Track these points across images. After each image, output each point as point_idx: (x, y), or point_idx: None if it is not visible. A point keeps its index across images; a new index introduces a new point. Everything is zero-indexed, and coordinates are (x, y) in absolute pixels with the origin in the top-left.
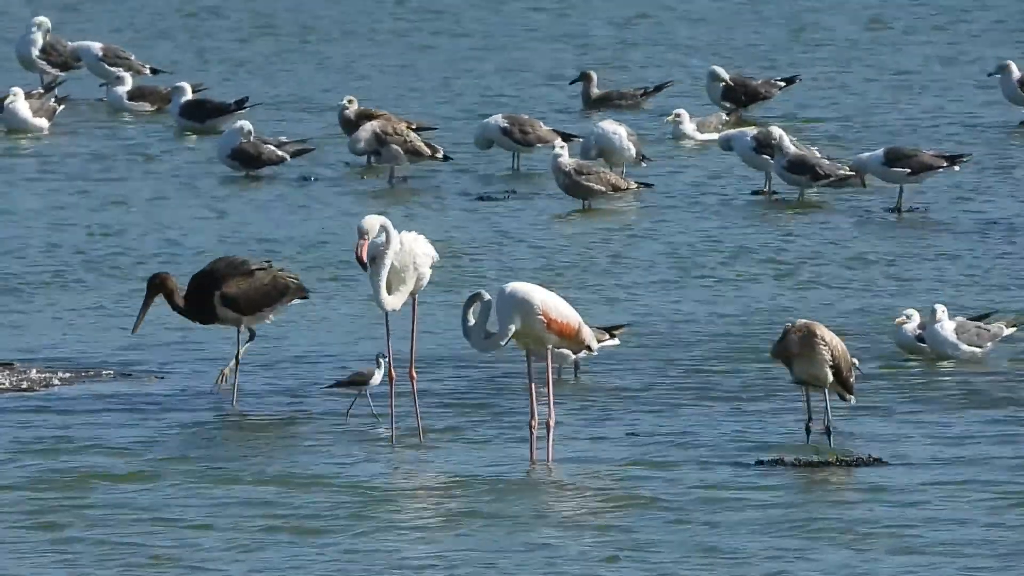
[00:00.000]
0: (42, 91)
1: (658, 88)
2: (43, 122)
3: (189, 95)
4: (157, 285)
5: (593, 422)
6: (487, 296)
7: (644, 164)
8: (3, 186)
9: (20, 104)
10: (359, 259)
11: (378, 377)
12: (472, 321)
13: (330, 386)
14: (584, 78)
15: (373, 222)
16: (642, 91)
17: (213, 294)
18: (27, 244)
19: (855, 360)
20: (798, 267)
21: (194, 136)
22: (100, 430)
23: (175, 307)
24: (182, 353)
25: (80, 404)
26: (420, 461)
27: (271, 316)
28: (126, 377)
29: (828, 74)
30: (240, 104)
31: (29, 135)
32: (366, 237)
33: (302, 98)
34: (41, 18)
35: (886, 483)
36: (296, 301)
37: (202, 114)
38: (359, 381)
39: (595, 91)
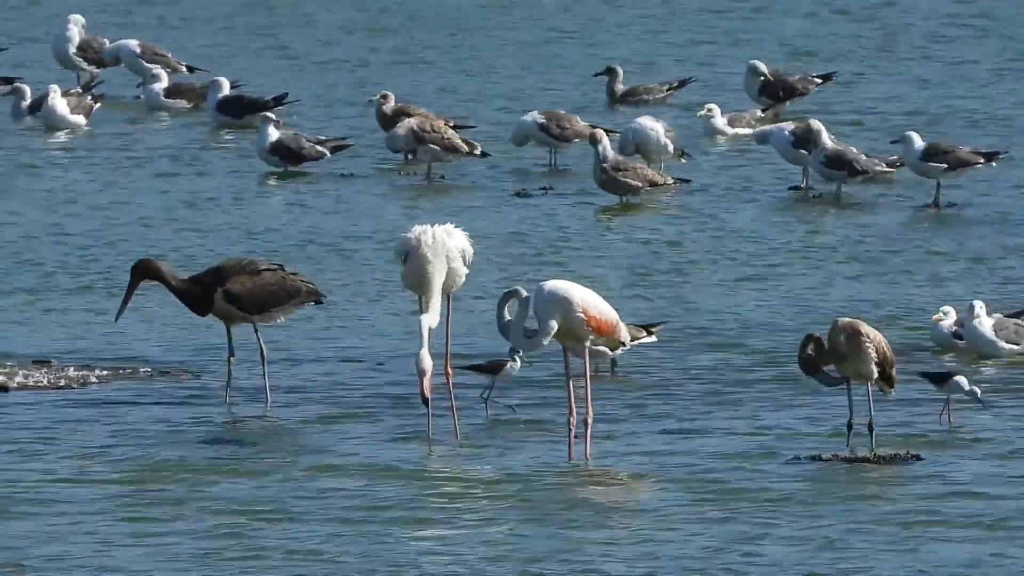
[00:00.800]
0: (79, 89)
1: (682, 83)
2: (80, 119)
3: (226, 91)
4: (141, 270)
5: (630, 419)
6: (524, 292)
7: (683, 160)
8: (40, 183)
9: (58, 102)
10: (424, 398)
11: (515, 367)
12: (508, 317)
13: (465, 367)
14: (609, 72)
15: (428, 362)
16: (667, 86)
17: (216, 289)
18: (63, 241)
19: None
20: (835, 263)
21: (231, 132)
22: (159, 424)
23: (169, 286)
24: (217, 351)
25: (128, 400)
26: (457, 458)
27: (281, 318)
28: (164, 374)
29: (866, 70)
30: (278, 100)
31: (67, 132)
32: (426, 375)
33: (340, 94)
34: (77, 15)
35: (924, 478)
36: (310, 305)
37: (239, 110)
38: (493, 368)
39: (620, 86)
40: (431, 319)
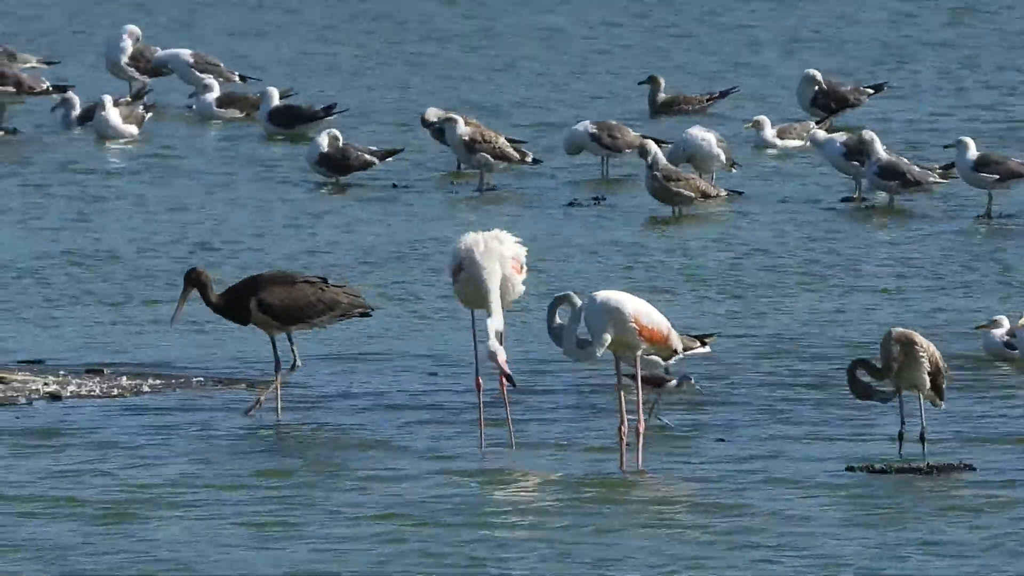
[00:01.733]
0: (130, 99)
1: (724, 94)
2: (133, 129)
3: (276, 101)
4: (193, 280)
5: (683, 428)
6: (577, 300)
7: (735, 170)
8: (93, 194)
9: (110, 111)
10: (506, 375)
11: (674, 385)
12: (559, 322)
13: (630, 377)
14: (651, 81)
15: (497, 345)
16: (708, 96)
17: (250, 299)
18: (115, 251)
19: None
20: (888, 273)
21: (283, 142)
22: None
23: (208, 303)
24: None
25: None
26: (511, 468)
27: (320, 327)
28: (217, 383)
29: (916, 80)
30: (328, 110)
31: (118, 142)
32: (500, 356)
33: (390, 104)
34: (132, 26)
35: (977, 489)
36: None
37: (290, 120)
38: (657, 381)
39: (662, 96)
40: (496, 322)
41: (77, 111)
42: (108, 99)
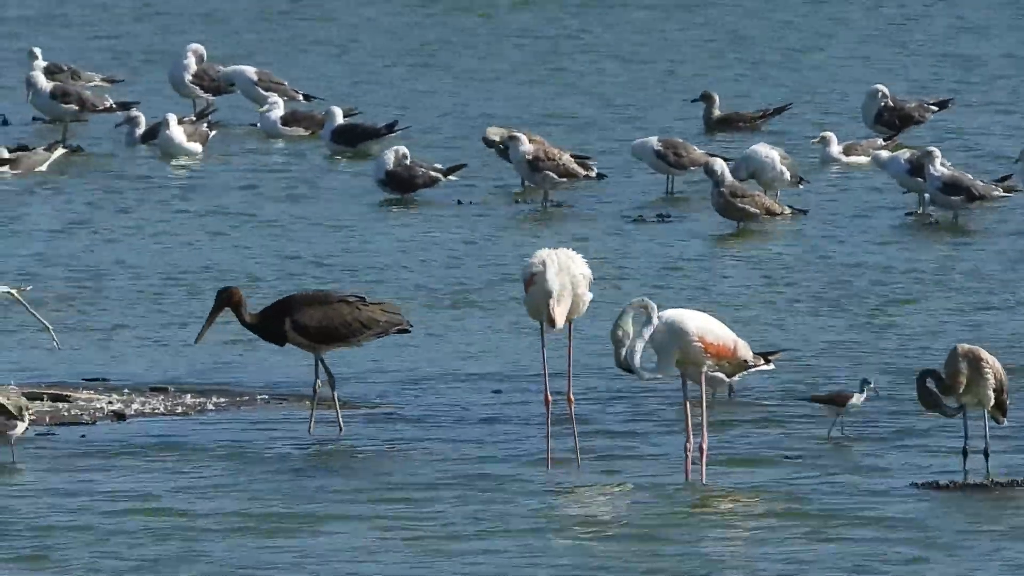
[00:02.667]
0: (194, 117)
1: (777, 111)
2: (197, 147)
3: (340, 120)
4: (225, 298)
5: (748, 445)
6: (651, 305)
7: (801, 186)
8: (158, 211)
9: (175, 130)
10: (552, 321)
11: (858, 399)
12: (625, 330)
13: (808, 399)
14: (706, 98)
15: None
16: (761, 113)
17: (285, 319)
18: (175, 268)
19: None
20: (952, 289)
21: (347, 160)
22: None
23: (242, 321)
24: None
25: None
26: (576, 485)
27: (358, 345)
28: (280, 401)
29: (981, 96)
30: (390, 127)
31: (183, 159)
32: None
33: (452, 121)
34: (195, 45)
35: None
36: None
37: (353, 138)
38: (838, 400)
39: (716, 112)
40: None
41: (142, 129)
42: (172, 117)
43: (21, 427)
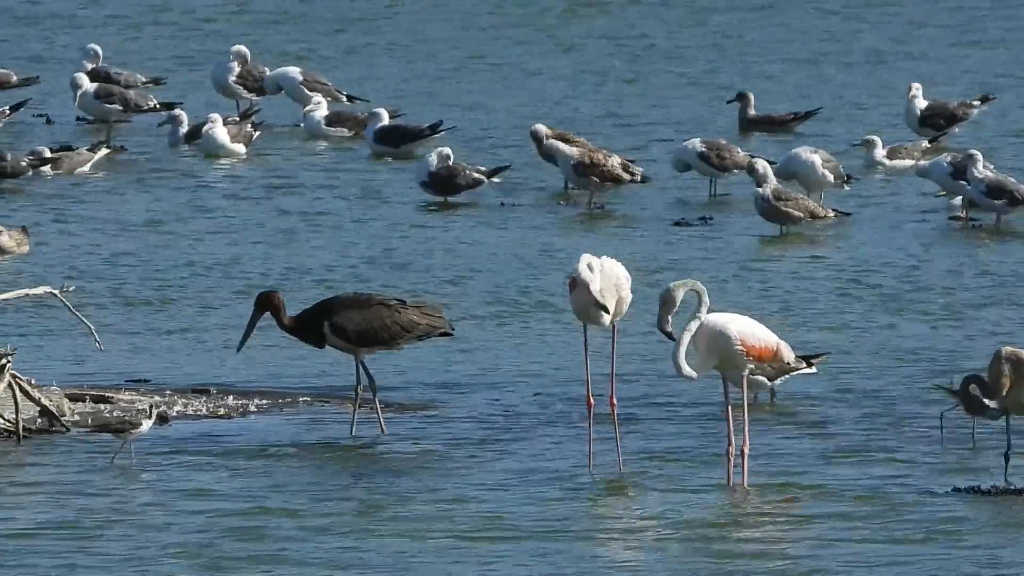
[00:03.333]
0: (237, 118)
1: (808, 114)
2: (240, 147)
3: (385, 121)
4: (263, 303)
5: (789, 448)
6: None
7: (848, 186)
8: (199, 212)
9: (219, 130)
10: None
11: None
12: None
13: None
14: (741, 98)
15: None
16: (792, 116)
17: (324, 322)
18: (219, 269)
19: None
20: (996, 294)
21: (390, 161)
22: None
23: (281, 325)
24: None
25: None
26: (617, 488)
27: (399, 348)
28: (323, 402)
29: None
30: (434, 128)
31: (226, 160)
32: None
33: (497, 122)
34: (239, 46)
35: None
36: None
37: (396, 139)
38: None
39: (752, 112)
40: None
41: (184, 128)
42: (217, 117)
43: (146, 425)
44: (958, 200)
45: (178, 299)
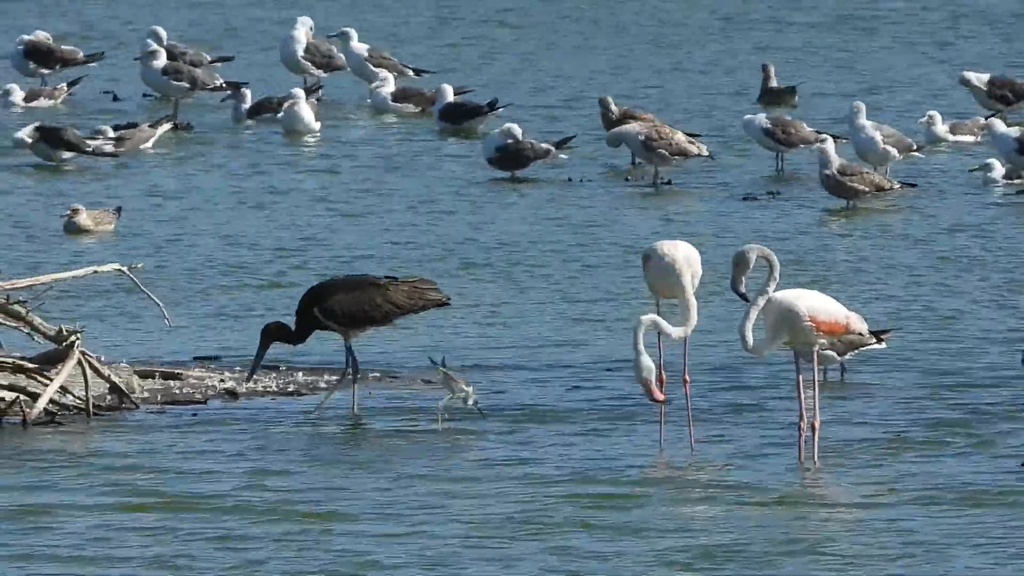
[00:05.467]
0: (303, 93)
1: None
2: (318, 124)
3: (451, 97)
4: (271, 334)
5: (859, 424)
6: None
7: (919, 153)
8: (266, 188)
9: (303, 107)
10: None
11: None
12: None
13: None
14: (763, 70)
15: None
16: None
17: (313, 308)
18: (282, 244)
19: None
20: None
21: (456, 136)
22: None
23: (293, 342)
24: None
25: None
26: (689, 465)
27: (394, 326)
28: (393, 379)
29: None
30: (492, 105)
31: (294, 136)
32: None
33: (562, 98)
34: (305, 18)
35: None
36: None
37: (458, 115)
38: None
39: (773, 83)
40: (672, 328)
41: (247, 104)
42: (300, 93)
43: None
44: (997, 172)
45: (246, 277)
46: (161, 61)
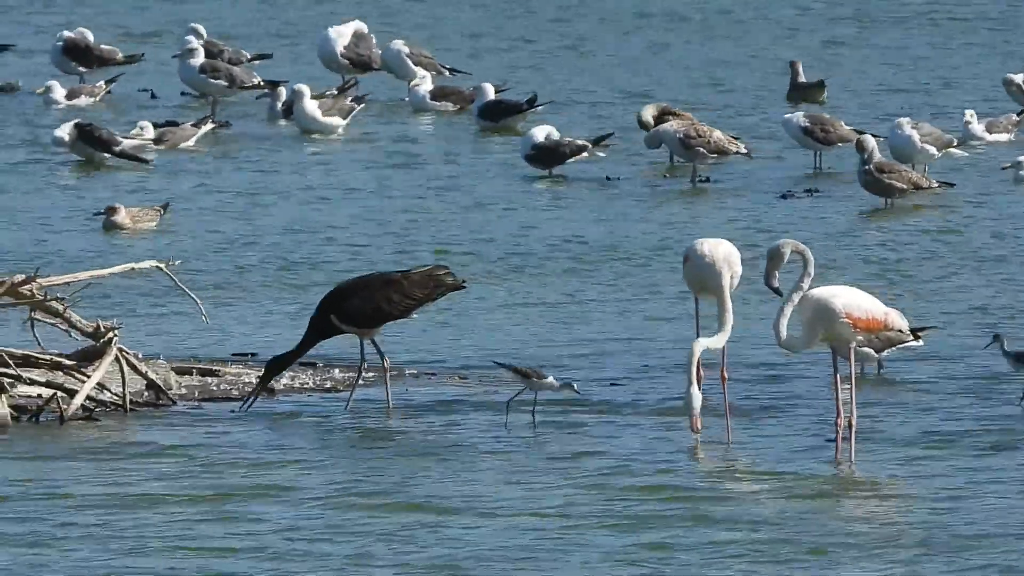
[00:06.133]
0: (335, 91)
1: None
2: (335, 121)
3: (491, 96)
4: (273, 369)
5: (896, 421)
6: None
7: (958, 150)
8: (301, 186)
9: (308, 104)
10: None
11: None
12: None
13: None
14: (790, 66)
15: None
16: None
17: (330, 316)
18: (321, 242)
19: None
20: None
21: (494, 135)
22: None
23: (299, 354)
24: (477, 352)
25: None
26: (726, 460)
27: (410, 318)
28: (430, 376)
29: None
30: (531, 103)
31: (326, 135)
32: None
33: (600, 95)
34: (354, 21)
35: None
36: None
37: (497, 114)
38: None
39: (802, 79)
40: (712, 340)
41: (281, 103)
42: (305, 90)
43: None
44: None
45: (282, 274)
46: (199, 59)
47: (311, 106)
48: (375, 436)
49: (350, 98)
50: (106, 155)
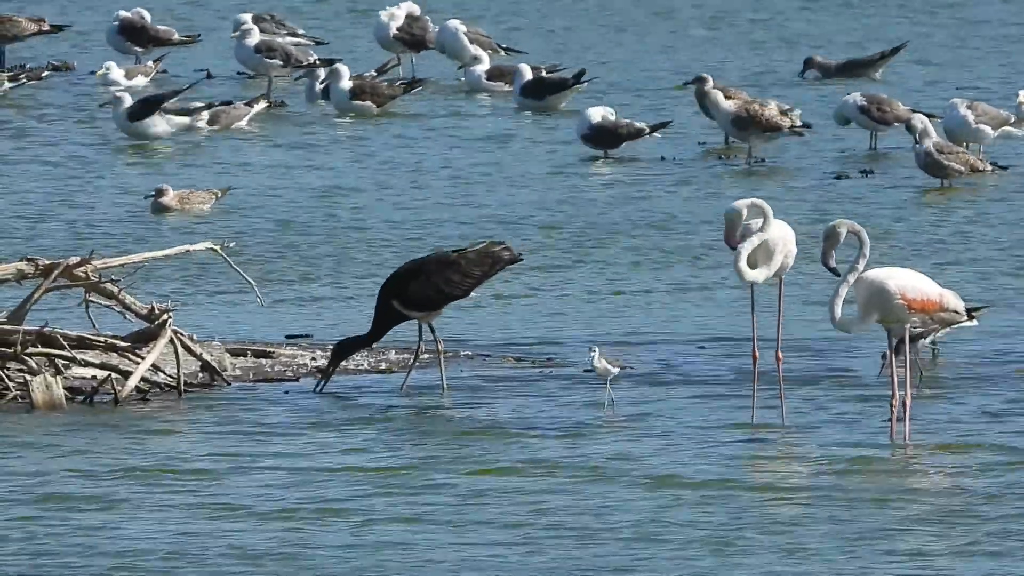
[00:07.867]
0: (374, 72)
1: (895, 51)
2: (366, 104)
3: (528, 76)
4: (339, 353)
5: (952, 401)
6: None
7: (1017, 130)
8: (353, 167)
9: (344, 84)
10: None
11: None
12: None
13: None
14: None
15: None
16: (880, 54)
17: (393, 302)
18: (372, 223)
19: None
20: None
21: (541, 116)
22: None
23: (369, 344)
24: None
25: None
26: (781, 443)
27: (471, 295)
28: (484, 357)
29: None
30: (578, 78)
31: (355, 116)
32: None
33: (653, 76)
34: (410, 3)
35: None
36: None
37: (541, 91)
38: None
39: (818, 59)
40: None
41: (320, 84)
42: (343, 69)
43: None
44: None
45: (340, 256)
46: (254, 38)
47: (347, 86)
48: (429, 416)
49: (399, 81)
50: (161, 135)
